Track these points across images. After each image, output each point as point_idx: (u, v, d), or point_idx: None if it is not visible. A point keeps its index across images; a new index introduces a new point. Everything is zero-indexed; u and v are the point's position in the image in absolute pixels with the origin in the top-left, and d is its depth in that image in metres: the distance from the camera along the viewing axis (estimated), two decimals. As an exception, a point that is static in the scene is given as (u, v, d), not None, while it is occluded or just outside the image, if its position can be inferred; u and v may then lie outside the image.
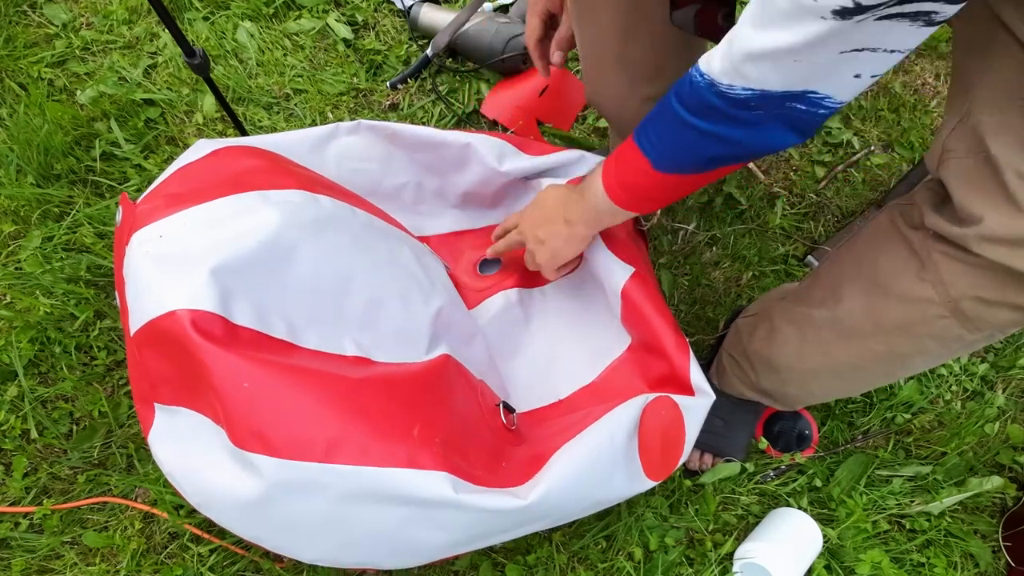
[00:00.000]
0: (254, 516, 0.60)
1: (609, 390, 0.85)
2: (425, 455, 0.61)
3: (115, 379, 0.96)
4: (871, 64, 0.49)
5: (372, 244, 0.78)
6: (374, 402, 0.63)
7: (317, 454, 0.58)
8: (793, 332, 0.76)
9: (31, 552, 0.86)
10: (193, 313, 0.59)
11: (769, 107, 0.53)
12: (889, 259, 0.64)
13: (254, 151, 0.78)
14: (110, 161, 1.08)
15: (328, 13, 1.22)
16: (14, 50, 1.16)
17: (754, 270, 1.11)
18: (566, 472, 0.68)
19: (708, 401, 0.77)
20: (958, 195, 0.55)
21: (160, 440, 0.65)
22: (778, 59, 0.49)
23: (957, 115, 0.56)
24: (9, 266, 1.00)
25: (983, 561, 0.96)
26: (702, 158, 0.60)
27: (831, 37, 0.46)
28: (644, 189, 0.67)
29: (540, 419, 0.84)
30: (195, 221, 0.65)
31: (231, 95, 1.15)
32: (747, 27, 0.50)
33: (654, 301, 0.81)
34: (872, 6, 0.43)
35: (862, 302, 0.67)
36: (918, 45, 0.48)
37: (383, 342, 0.72)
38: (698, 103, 0.56)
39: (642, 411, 0.74)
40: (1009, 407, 1.05)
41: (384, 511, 0.60)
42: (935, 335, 0.62)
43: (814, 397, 0.85)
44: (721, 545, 0.90)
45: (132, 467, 0.91)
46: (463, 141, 0.89)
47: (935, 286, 0.59)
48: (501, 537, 0.70)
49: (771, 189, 1.17)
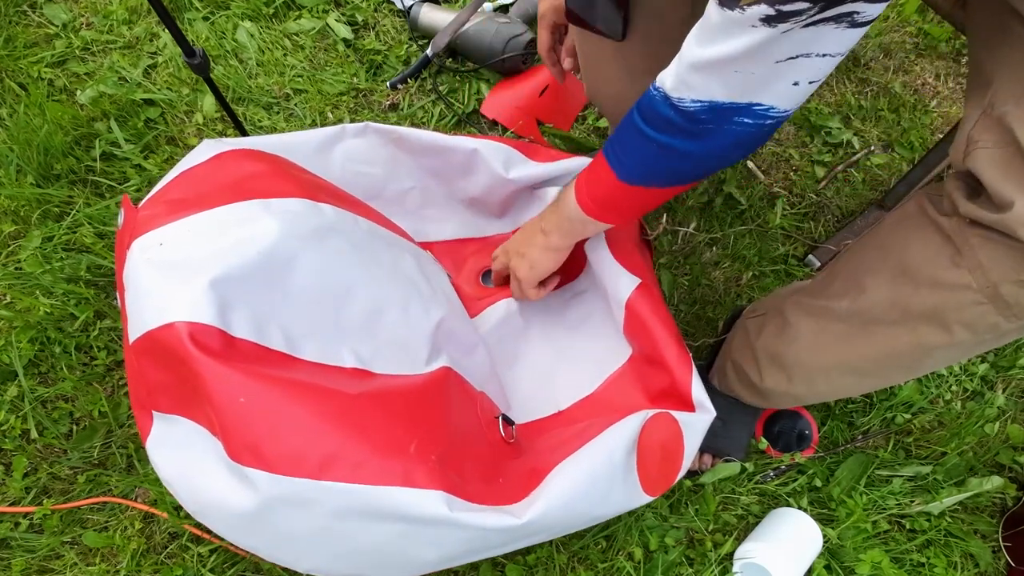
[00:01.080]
0: (249, 527, 0.60)
1: (609, 402, 0.85)
2: (420, 472, 0.61)
3: (115, 379, 0.96)
4: (807, 71, 0.52)
5: (374, 253, 0.78)
6: (371, 417, 0.63)
7: (311, 470, 0.58)
8: (809, 326, 0.74)
9: (31, 552, 0.86)
10: (191, 326, 0.58)
11: (719, 120, 0.56)
12: (920, 246, 0.61)
13: (258, 155, 0.78)
14: (110, 161, 1.08)
15: (328, 13, 1.22)
16: (14, 50, 1.16)
17: (754, 270, 1.11)
18: (564, 491, 0.67)
19: (708, 418, 0.77)
20: (993, 184, 0.53)
21: (158, 447, 0.65)
22: (720, 70, 0.53)
23: (979, 107, 0.55)
24: (9, 266, 1.00)
25: (983, 561, 0.96)
26: (663, 171, 0.63)
27: (763, 46, 0.49)
28: (612, 201, 0.69)
29: (539, 430, 0.84)
30: (196, 229, 0.65)
31: (231, 95, 1.15)
32: (691, 41, 0.54)
33: (659, 313, 0.81)
34: (793, 12, 0.46)
35: (888, 291, 0.64)
36: (852, 46, 0.51)
37: (383, 352, 0.72)
38: (655, 116, 0.59)
39: (641, 427, 0.74)
40: (1009, 407, 1.05)
41: (377, 527, 0.60)
42: (969, 323, 0.60)
43: (817, 396, 0.82)
44: (721, 545, 0.90)
45: (132, 467, 0.91)
46: (470, 147, 0.89)
47: (972, 271, 0.56)
48: (496, 552, 0.70)
49: (771, 189, 1.17)
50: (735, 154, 0.60)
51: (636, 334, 0.83)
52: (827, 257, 1.12)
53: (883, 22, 1.33)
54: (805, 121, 1.23)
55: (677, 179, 0.64)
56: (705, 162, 0.61)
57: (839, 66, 1.29)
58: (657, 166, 0.63)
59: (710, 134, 0.57)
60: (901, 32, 1.34)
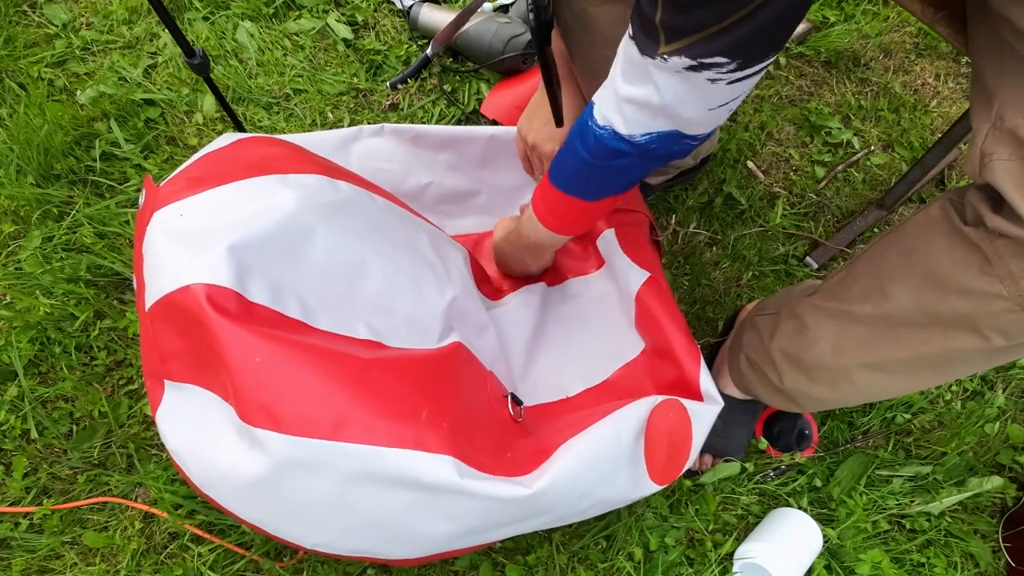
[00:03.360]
0: (257, 496, 0.60)
1: (618, 391, 0.86)
2: (432, 437, 0.61)
3: (115, 379, 0.96)
4: (736, 103, 0.58)
5: (389, 230, 0.78)
6: (384, 383, 0.63)
7: (324, 431, 0.57)
8: (830, 328, 0.73)
9: (31, 552, 0.86)
10: (209, 288, 0.59)
11: (668, 144, 0.61)
12: (946, 253, 0.60)
13: (276, 140, 0.79)
14: (110, 161, 1.08)
15: (328, 13, 1.22)
16: (14, 50, 1.16)
17: (754, 270, 1.11)
18: (570, 463, 0.67)
19: (717, 408, 0.77)
20: (1013, 197, 0.53)
21: (167, 417, 0.65)
22: (660, 112, 0.58)
23: (987, 120, 0.55)
24: (9, 266, 1.00)
25: (983, 561, 0.96)
26: (624, 184, 0.70)
27: (694, 94, 0.55)
28: (572, 216, 0.76)
29: (547, 414, 0.85)
30: (215, 201, 0.66)
31: (231, 95, 1.15)
32: (618, 76, 0.59)
33: (667, 306, 0.82)
34: (714, 65, 0.50)
35: (913, 297, 0.63)
36: (777, 87, 0.59)
37: (396, 328, 0.72)
38: (604, 150, 0.64)
39: (650, 412, 0.74)
40: (1009, 407, 1.05)
41: (389, 494, 0.60)
42: (1002, 329, 0.59)
43: (842, 398, 0.78)
44: (721, 545, 0.90)
45: (132, 467, 0.91)
46: (487, 134, 0.92)
47: (1003, 280, 0.56)
48: (504, 531, 0.69)
49: (771, 189, 1.17)
50: (684, 155, 0.66)
51: (647, 327, 0.84)
52: (826, 257, 1.12)
53: (883, 22, 1.33)
54: (805, 121, 1.23)
55: (633, 184, 0.72)
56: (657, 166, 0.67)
57: (839, 66, 1.29)
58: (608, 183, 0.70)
59: (661, 155, 0.63)
60: (901, 32, 1.34)
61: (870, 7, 1.35)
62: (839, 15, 1.33)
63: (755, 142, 1.20)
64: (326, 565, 0.86)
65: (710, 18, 0.48)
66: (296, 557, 0.86)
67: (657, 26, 0.51)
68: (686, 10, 0.48)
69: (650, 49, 0.52)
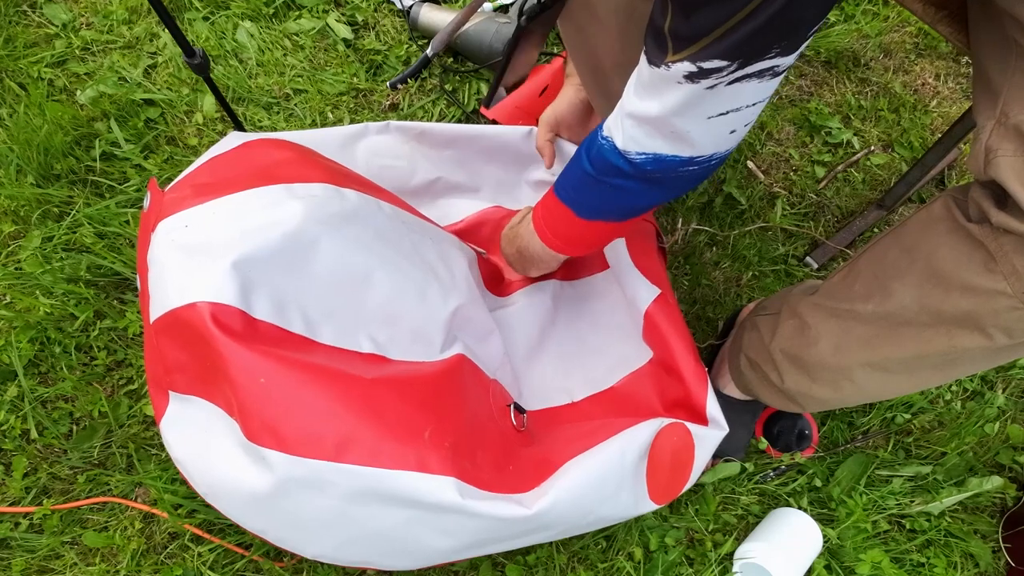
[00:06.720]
0: (261, 509, 0.61)
1: (624, 400, 0.86)
2: (434, 458, 0.61)
3: (115, 379, 0.96)
4: (740, 120, 0.56)
5: (395, 238, 0.78)
6: (387, 403, 0.64)
7: (327, 452, 0.58)
8: (832, 327, 0.72)
9: (31, 552, 0.86)
10: (214, 306, 0.59)
11: (666, 170, 0.61)
12: (949, 250, 0.60)
13: (283, 144, 0.79)
14: (110, 161, 1.08)
15: (328, 13, 1.22)
16: (14, 50, 1.16)
17: (754, 270, 1.11)
18: (574, 485, 0.68)
19: (721, 434, 0.78)
20: (1018, 193, 0.53)
21: (173, 428, 0.65)
22: (658, 127, 0.57)
23: (991, 117, 0.55)
24: (9, 266, 1.00)
25: (983, 561, 0.96)
26: (621, 208, 0.69)
27: (693, 104, 0.54)
28: (574, 235, 0.75)
29: (552, 419, 0.85)
30: (221, 212, 0.66)
31: (231, 95, 1.15)
32: (630, 91, 0.59)
33: (676, 326, 0.83)
34: (714, 69, 0.50)
35: (916, 295, 0.63)
36: (777, 87, 0.55)
37: (399, 339, 0.72)
38: (605, 165, 0.64)
39: (656, 434, 0.74)
40: (1009, 407, 1.05)
41: (390, 512, 0.60)
42: (1006, 327, 0.58)
43: (843, 398, 0.78)
44: (721, 545, 0.90)
45: (132, 467, 0.91)
46: (492, 132, 0.92)
47: (1007, 277, 0.55)
48: (503, 545, 0.70)
49: (771, 189, 1.17)
50: (685, 190, 0.65)
51: (654, 343, 0.85)
52: (826, 257, 1.12)
53: (883, 22, 1.33)
54: (805, 121, 1.23)
55: (638, 212, 0.70)
56: (656, 200, 0.67)
57: (839, 66, 1.29)
58: (613, 204, 0.68)
59: (659, 182, 0.62)
60: (901, 32, 1.34)
61: (870, 7, 1.35)
62: (839, 15, 1.33)
63: (755, 142, 1.20)
64: (326, 565, 0.86)
65: (713, 20, 0.48)
66: (296, 557, 0.86)
67: (666, 34, 0.51)
68: (691, 14, 0.49)
69: (658, 59, 0.53)
